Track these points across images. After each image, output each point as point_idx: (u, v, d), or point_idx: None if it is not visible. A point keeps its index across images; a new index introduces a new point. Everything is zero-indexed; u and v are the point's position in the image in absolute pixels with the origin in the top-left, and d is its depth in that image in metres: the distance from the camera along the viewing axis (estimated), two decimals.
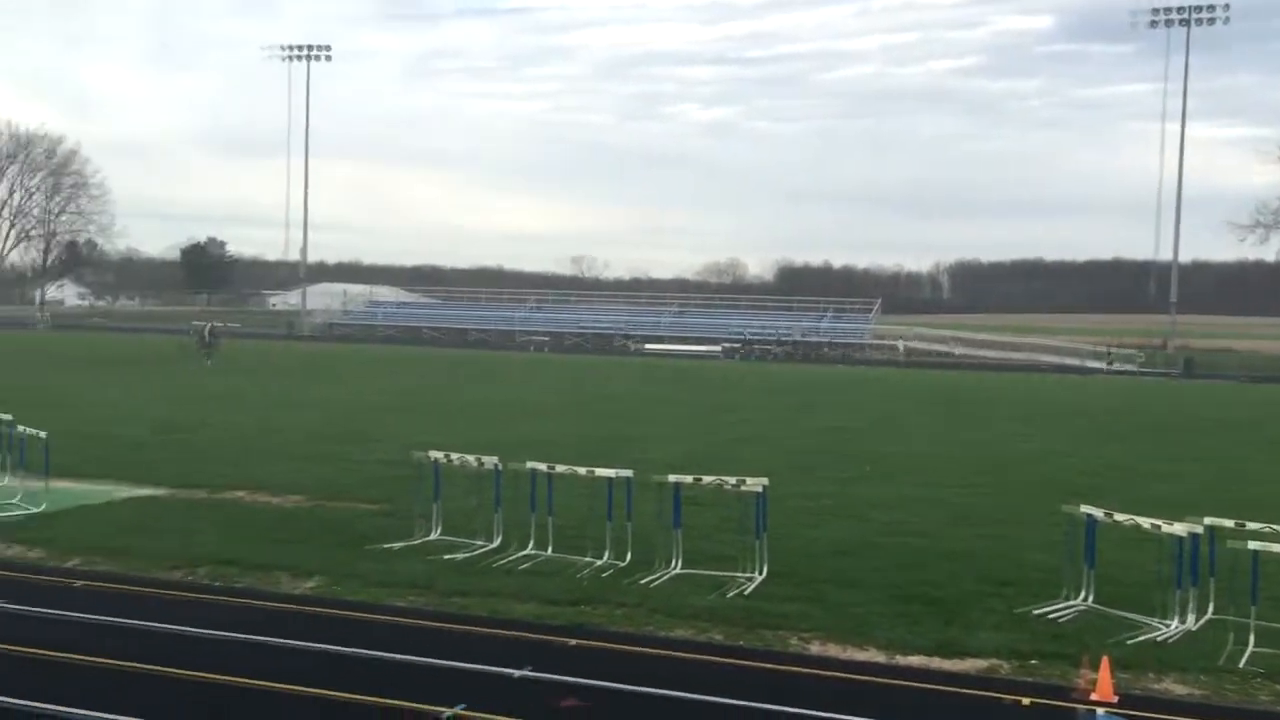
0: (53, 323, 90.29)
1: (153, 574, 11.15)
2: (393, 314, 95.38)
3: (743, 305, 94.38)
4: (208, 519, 13.69)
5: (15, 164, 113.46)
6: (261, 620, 9.54)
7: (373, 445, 20.88)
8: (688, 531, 12.00)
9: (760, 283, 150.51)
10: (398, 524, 13.42)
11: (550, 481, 12.28)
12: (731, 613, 10.09)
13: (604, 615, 9.99)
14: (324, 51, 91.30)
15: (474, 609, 10.09)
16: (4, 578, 10.82)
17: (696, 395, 36.73)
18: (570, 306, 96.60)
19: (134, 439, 20.83)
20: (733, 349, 73.01)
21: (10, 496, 14.28)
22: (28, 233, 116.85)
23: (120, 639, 8.93)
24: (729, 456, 20.50)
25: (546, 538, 12.21)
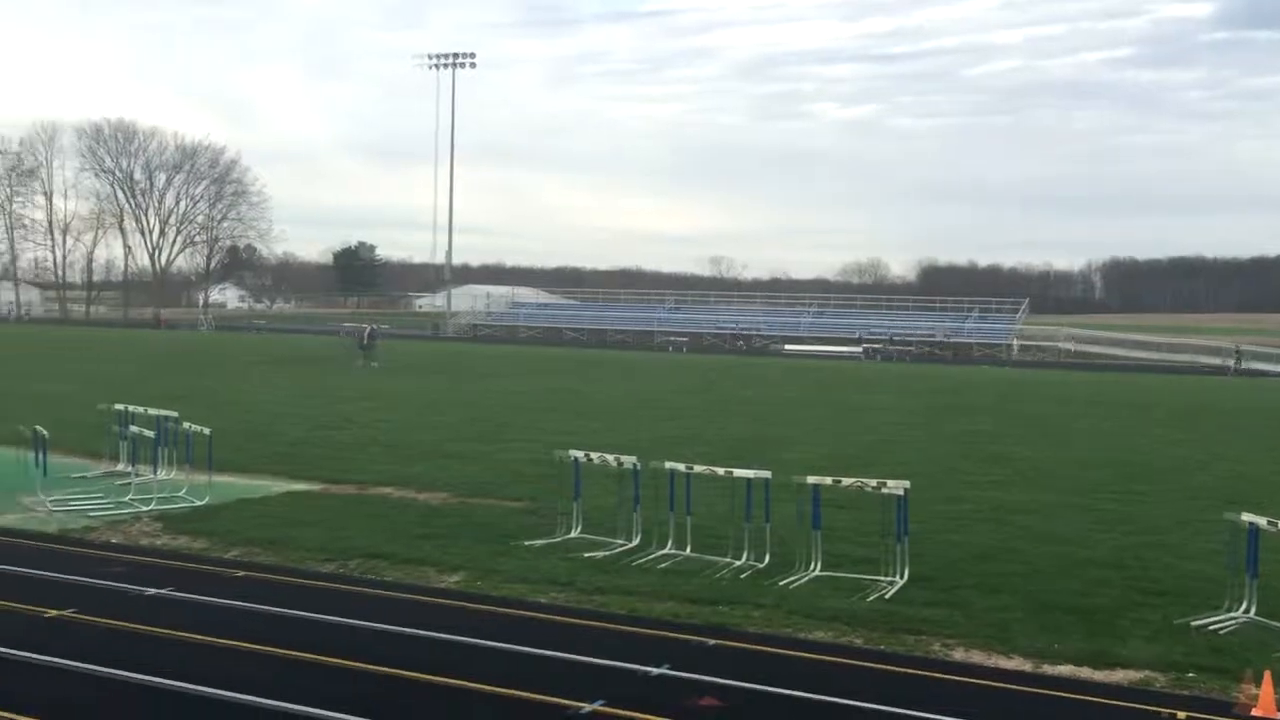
0: (215, 324, 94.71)
1: (307, 565, 11.61)
2: (534, 315, 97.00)
3: (884, 305, 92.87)
4: (358, 514, 14.18)
5: (181, 174, 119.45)
6: (409, 612, 9.84)
7: (515, 444, 21.30)
8: (827, 534, 11.90)
9: (902, 283, 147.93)
10: (539, 521, 13.68)
11: (689, 481, 12.33)
12: (871, 616, 9.97)
13: (742, 616, 9.99)
14: (469, 59, 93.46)
15: (612, 607, 10.21)
16: (172, 567, 11.42)
17: (836, 396, 36.32)
18: (709, 307, 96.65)
19: (290, 436, 21.71)
20: (873, 349, 71.87)
21: (177, 490, 15.06)
22: (192, 239, 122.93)
23: (277, 627, 9.34)
24: (869, 459, 20.23)
25: (685, 537, 12.27)
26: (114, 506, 14.32)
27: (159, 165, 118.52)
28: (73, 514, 13.93)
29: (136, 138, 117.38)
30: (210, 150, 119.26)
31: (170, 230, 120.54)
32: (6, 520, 13.55)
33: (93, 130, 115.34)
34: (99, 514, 13.91)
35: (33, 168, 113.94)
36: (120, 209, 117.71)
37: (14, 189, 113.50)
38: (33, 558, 11.59)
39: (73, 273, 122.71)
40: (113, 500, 14.70)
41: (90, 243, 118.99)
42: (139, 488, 15.07)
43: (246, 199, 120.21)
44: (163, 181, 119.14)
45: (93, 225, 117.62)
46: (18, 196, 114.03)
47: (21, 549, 12.04)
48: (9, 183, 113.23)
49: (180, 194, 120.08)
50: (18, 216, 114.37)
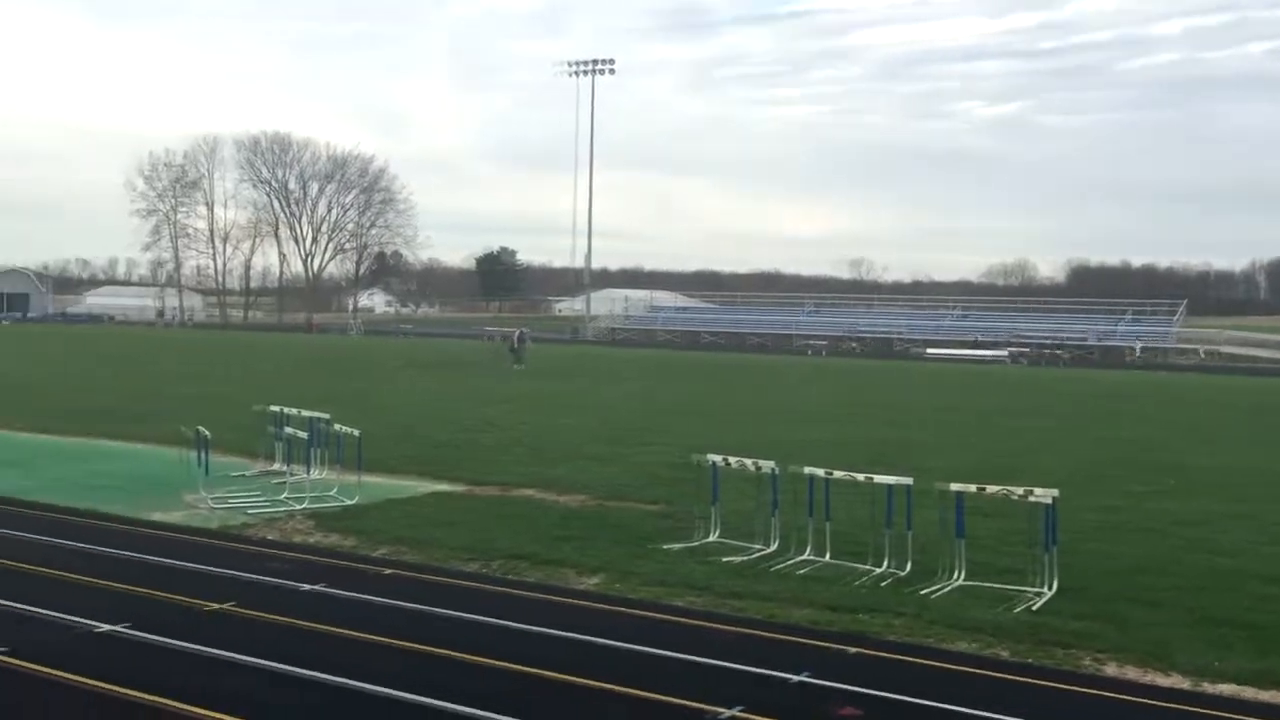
0: (364, 329, 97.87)
1: (451, 564, 11.87)
2: (672, 318, 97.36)
3: (1032, 308, 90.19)
4: (500, 515, 14.44)
5: (333, 183, 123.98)
6: (548, 613, 9.97)
7: (653, 447, 21.40)
8: (971, 542, 11.59)
9: (1051, 284, 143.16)
10: (676, 525, 13.70)
11: (828, 487, 12.18)
12: (1018, 628, 9.67)
13: (883, 624, 9.81)
14: (608, 65, 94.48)
15: (751, 612, 10.15)
16: (323, 564, 11.83)
17: (981, 401, 35.43)
18: (848, 310, 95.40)
19: (436, 438, 22.26)
20: (1020, 353, 69.81)
21: (328, 489, 15.59)
22: (342, 246, 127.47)
23: (423, 624, 9.57)
24: (1015, 465, 19.63)
25: (824, 543, 12.12)
26: (270, 504, 14.92)
27: (312, 175, 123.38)
28: (232, 511, 14.56)
29: (291, 149, 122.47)
30: (360, 159, 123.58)
31: (322, 238, 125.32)
32: (172, 517, 14.24)
33: (250, 142, 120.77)
34: (256, 511, 14.51)
35: (195, 179, 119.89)
36: (276, 218, 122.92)
37: (178, 200, 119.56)
38: (195, 553, 12.16)
39: (231, 279, 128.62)
40: (269, 498, 15.31)
41: (248, 250, 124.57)
42: (293, 487, 15.67)
43: (394, 206, 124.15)
44: (315, 191, 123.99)
45: (250, 234, 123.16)
46: (182, 207, 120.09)
47: (185, 544, 12.64)
48: (174, 194, 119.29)
49: (331, 202, 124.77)
50: (182, 226, 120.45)
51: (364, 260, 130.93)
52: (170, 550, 12.22)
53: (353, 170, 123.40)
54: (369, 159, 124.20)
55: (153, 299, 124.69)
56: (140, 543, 12.64)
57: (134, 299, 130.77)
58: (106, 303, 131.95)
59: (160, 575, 11.07)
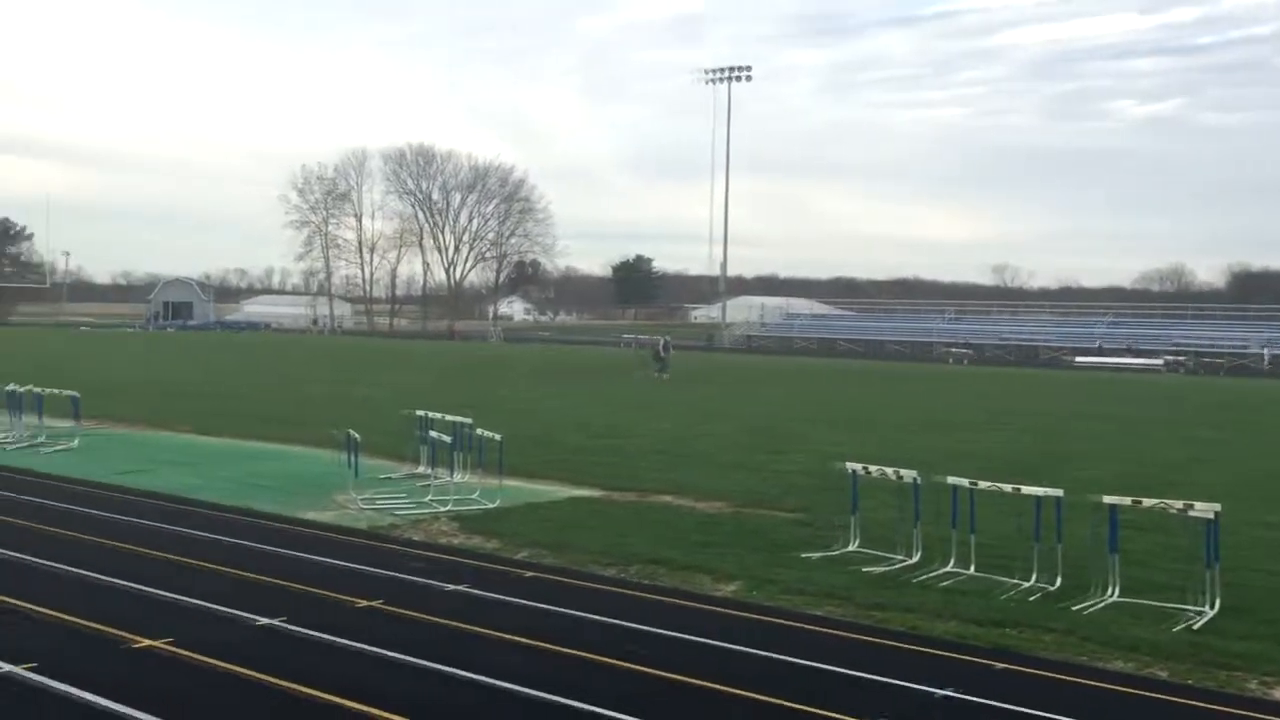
0: (504, 336, 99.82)
1: (589, 569, 11.99)
2: (808, 326, 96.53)
3: (1188, 314, 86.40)
4: (637, 520, 14.52)
5: (474, 193, 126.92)
6: (687, 619, 9.96)
7: (790, 455, 21.23)
8: (1125, 557, 11.15)
9: (1209, 289, 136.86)
10: (815, 534, 13.55)
11: (973, 497, 11.87)
12: (1177, 648, 9.25)
13: (1031, 640, 9.50)
14: (744, 72, 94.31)
15: (892, 624, 9.96)
16: (467, 564, 12.08)
17: (1134, 411, 34.08)
18: (991, 317, 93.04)
19: (573, 443, 22.53)
20: (1176, 362, 66.94)
21: (470, 492, 15.93)
22: (483, 255, 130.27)
23: (561, 626, 9.68)
24: (1172, 478, 18.82)
25: (968, 555, 11.82)
26: (415, 506, 15.32)
27: (454, 186, 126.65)
28: (380, 512, 15.00)
29: (435, 160, 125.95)
30: (500, 170, 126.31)
31: (464, 247, 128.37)
32: (324, 516, 14.76)
33: (396, 155, 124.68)
34: (403, 513, 14.91)
35: (345, 192, 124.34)
36: (420, 228, 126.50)
37: (329, 212, 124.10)
38: (346, 551, 12.56)
39: (377, 288, 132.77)
40: (414, 500, 15.72)
41: (394, 260, 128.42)
42: (437, 489, 16.06)
43: (532, 215, 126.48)
44: (457, 201, 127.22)
45: (396, 243, 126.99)
46: (332, 218, 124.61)
47: (336, 543, 13.08)
48: (325, 206, 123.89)
49: (473, 212, 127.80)
50: (332, 237, 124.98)
51: (504, 269, 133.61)
52: (322, 548, 12.66)
53: (493, 180, 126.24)
54: (509, 169, 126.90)
55: (304, 307, 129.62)
56: (294, 540, 13.13)
57: (288, 307, 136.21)
58: (262, 311, 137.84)
59: (313, 572, 11.47)
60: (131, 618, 9.51)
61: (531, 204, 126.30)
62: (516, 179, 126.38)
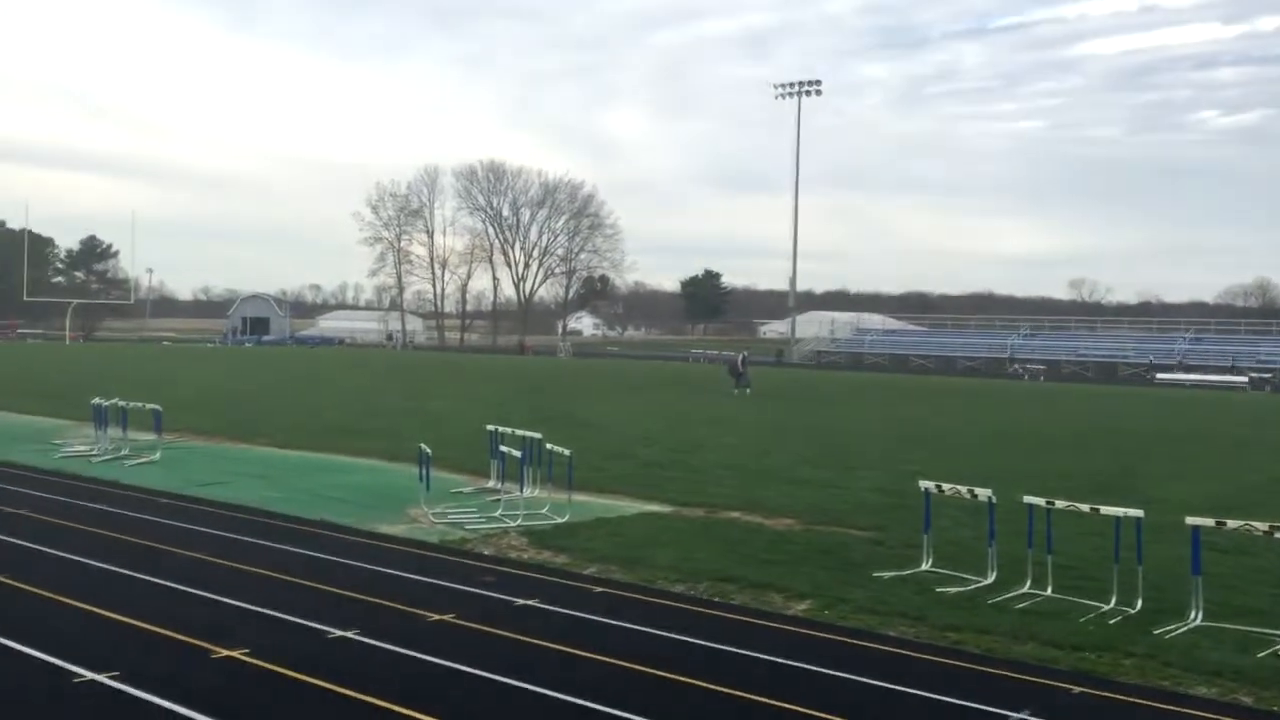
0: (573, 351, 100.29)
1: (658, 585, 11.96)
2: (879, 341, 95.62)
3: (1274, 330, 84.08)
4: (706, 536, 14.46)
5: (544, 209, 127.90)
6: (758, 637, 9.89)
7: (861, 471, 21.01)
8: (1209, 580, 10.84)
9: None
10: (887, 552, 13.38)
11: (1049, 517, 11.64)
12: (1264, 674, 8.96)
13: (1110, 664, 9.27)
14: (814, 87, 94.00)
15: (968, 645, 9.79)
16: (537, 579, 12.13)
17: (1217, 429, 33.21)
18: (1068, 333, 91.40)
19: (643, 458, 22.54)
20: (1262, 379, 65.18)
21: (540, 507, 16.00)
22: (553, 270, 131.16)
23: (627, 642, 9.67)
24: (1257, 499, 18.30)
25: (1045, 577, 11.59)
26: (486, 520, 15.42)
27: (524, 202, 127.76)
28: (451, 526, 15.13)
29: (505, 177, 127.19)
30: (569, 185, 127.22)
31: (533, 262, 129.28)
32: (396, 529, 14.92)
33: (468, 172, 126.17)
34: (474, 527, 15.02)
35: (418, 208, 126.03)
36: (490, 243, 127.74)
37: (402, 228, 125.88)
38: (418, 565, 12.69)
39: (448, 303, 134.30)
40: (485, 515, 15.84)
41: (465, 275, 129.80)
42: (507, 504, 16.16)
43: (601, 231, 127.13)
44: (527, 217, 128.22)
45: (467, 259, 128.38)
46: (405, 235, 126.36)
47: (409, 556, 13.21)
48: (398, 223, 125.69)
49: (543, 228, 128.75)
50: (405, 253, 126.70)
51: (573, 284, 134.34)
52: (395, 561, 12.80)
53: (562, 196, 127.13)
54: (578, 185, 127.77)
55: (377, 322, 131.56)
56: (367, 553, 13.29)
57: (361, 322, 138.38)
58: (336, 325, 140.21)
59: (387, 585, 11.60)
60: (209, 627, 9.69)
61: (600, 219, 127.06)
62: (585, 194, 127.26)
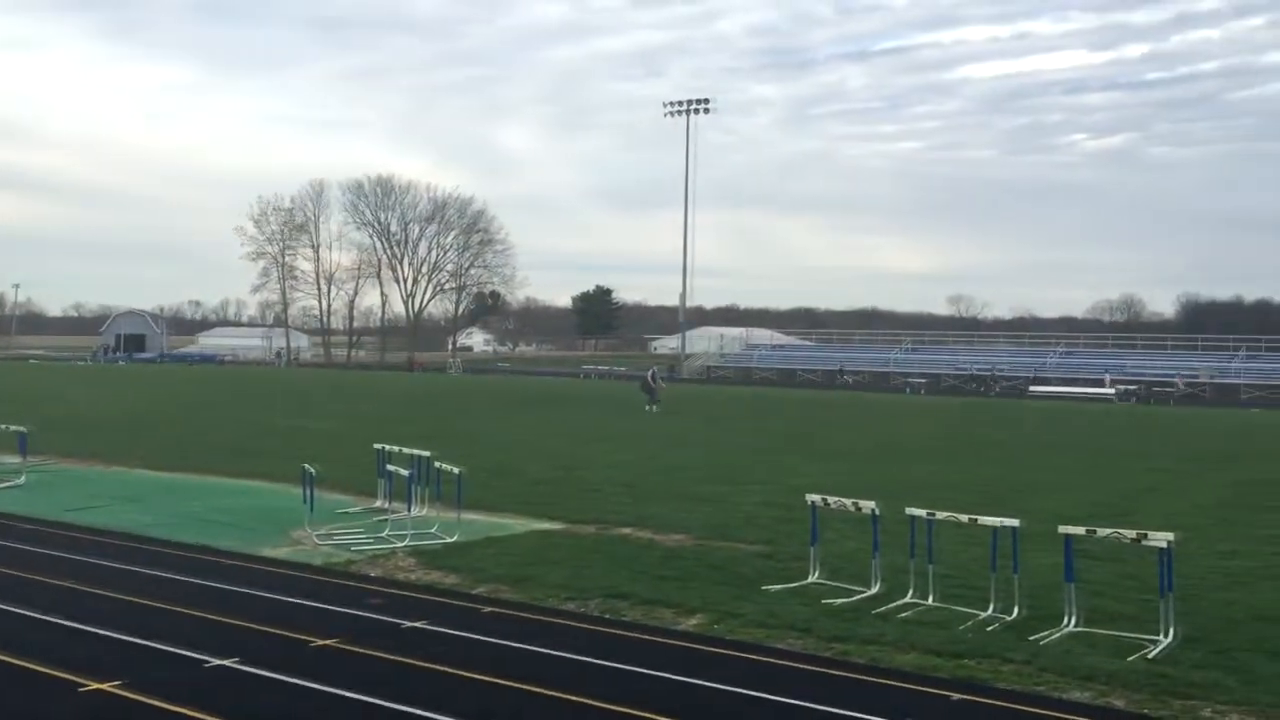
0: (464, 367, 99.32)
1: (549, 603, 11.88)
2: (768, 356, 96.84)
3: (1139, 344, 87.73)
4: (598, 553, 14.43)
5: (434, 224, 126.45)
6: (649, 654, 9.90)
7: (751, 486, 21.22)
8: (1082, 587, 11.22)
9: (1159, 320, 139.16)
10: (777, 566, 13.52)
11: (931, 528, 11.92)
12: (1134, 677, 9.30)
13: (989, 671, 9.52)
14: (704, 105, 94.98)
15: (854, 656, 9.95)
16: (426, 600, 11.94)
17: (1088, 440, 34.44)
18: (948, 347, 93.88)
19: (533, 475, 22.40)
20: (1128, 391, 67.85)
21: (429, 526, 15.77)
22: (442, 286, 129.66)
23: (523, 663, 9.58)
24: (1128, 507, 19.03)
25: (927, 586, 11.85)
26: (373, 541, 15.14)
27: (413, 217, 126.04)
28: (337, 548, 14.80)
29: (394, 192, 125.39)
30: (459, 201, 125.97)
31: (423, 278, 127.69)
32: (279, 552, 14.54)
33: (355, 186, 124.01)
34: (360, 548, 14.73)
35: (303, 223, 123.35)
36: (379, 259, 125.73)
37: (286, 243, 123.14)
38: (302, 588, 12.38)
39: (335, 319, 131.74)
40: (372, 535, 15.54)
41: (352, 291, 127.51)
42: (395, 524, 15.89)
43: (492, 247, 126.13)
44: (416, 232, 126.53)
45: (354, 275, 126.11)
46: (290, 250, 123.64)
47: (292, 580, 12.89)
48: (282, 237, 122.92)
49: (432, 244, 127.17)
50: (289, 268, 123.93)
51: (463, 300, 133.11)
52: (278, 586, 12.47)
53: (452, 212, 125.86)
54: (468, 200, 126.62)
55: (261, 339, 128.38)
56: (249, 578, 12.92)
57: (244, 339, 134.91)
58: (217, 343, 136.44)
59: (269, 610, 11.29)
60: (80, 659, 9.30)
61: (491, 235, 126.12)
62: (476, 210, 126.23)
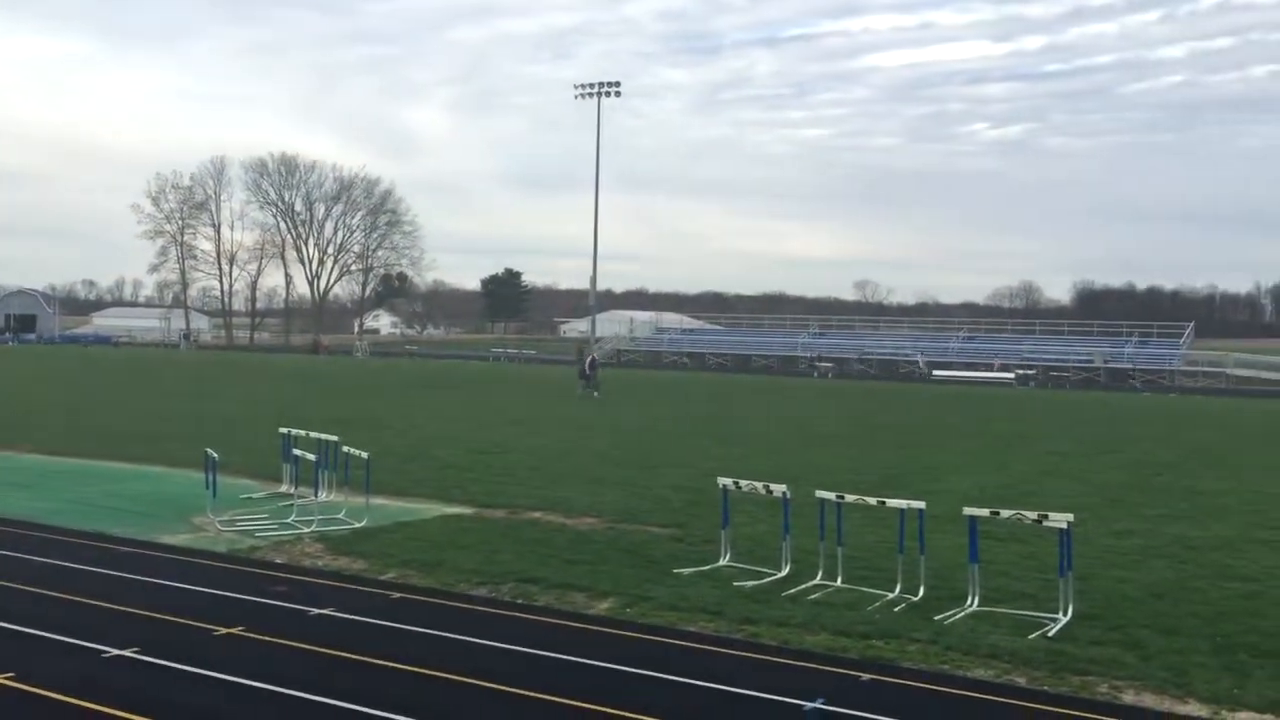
0: (371, 350, 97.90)
1: (460, 589, 11.78)
2: (678, 340, 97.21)
3: (1037, 330, 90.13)
4: (509, 538, 14.35)
5: (339, 204, 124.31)
6: (561, 638, 9.87)
7: (662, 470, 21.30)
8: (985, 568, 11.49)
9: (1056, 307, 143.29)
10: (688, 549, 13.60)
11: (840, 510, 12.08)
12: (1034, 654, 9.55)
13: (896, 650, 9.70)
14: (614, 88, 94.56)
15: (764, 637, 10.05)
16: (332, 587, 11.75)
17: (990, 424, 35.30)
18: (854, 332, 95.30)
19: (443, 459, 22.19)
20: (1027, 376, 69.72)
21: (336, 511, 15.52)
22: (349, 267, 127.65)
23: (433, 649, 9.48)
24: (1028, 489, 19.55)
25: (836, 568, 12.02)
26: (279, 527, 14.84)
27: (318, 197, 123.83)
28: (240, 534, 14.48)
29: (298, 171, 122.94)
30: (366, 181, 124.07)
31: (328, 259, 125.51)
32: (179, 539, 14.17)
33: (258, 165, 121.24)
34: (264, 534, 14.43)
35: (203, 201, 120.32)
36: (282, 239, 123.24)
37: (185, 221, 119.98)
38: (204, 576, 12.08)
39: (237, 300, 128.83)
40: (277, 521, 15.24)
41: (254, 272, 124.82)
42: (301, 509, 15.60)
43: (400, 228, 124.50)
44: (322, 212, 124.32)
45: (257, 255, 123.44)
46: (189, 228, 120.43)
47: (194, 567, 12.57)
48: (181, 215, 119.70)
49: (338, 224, 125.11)
50: (189, 247, 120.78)
51: (370, 281, 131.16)
52: (179, 573, 12.15)
53: (359, 192, 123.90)
54: (375, 180, 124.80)
55: (159, 320, 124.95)
56: (149, 566, 12.57)
57: (140, 320, 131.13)
58: (113, 324, 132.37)
59: (170, 599, 10.99)
60: None
61: (399, 216, 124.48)
62: (383, 190, 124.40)
